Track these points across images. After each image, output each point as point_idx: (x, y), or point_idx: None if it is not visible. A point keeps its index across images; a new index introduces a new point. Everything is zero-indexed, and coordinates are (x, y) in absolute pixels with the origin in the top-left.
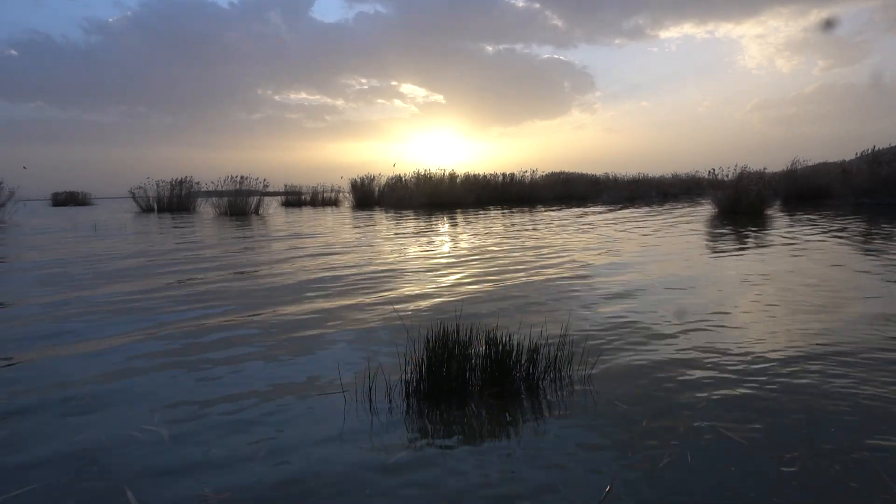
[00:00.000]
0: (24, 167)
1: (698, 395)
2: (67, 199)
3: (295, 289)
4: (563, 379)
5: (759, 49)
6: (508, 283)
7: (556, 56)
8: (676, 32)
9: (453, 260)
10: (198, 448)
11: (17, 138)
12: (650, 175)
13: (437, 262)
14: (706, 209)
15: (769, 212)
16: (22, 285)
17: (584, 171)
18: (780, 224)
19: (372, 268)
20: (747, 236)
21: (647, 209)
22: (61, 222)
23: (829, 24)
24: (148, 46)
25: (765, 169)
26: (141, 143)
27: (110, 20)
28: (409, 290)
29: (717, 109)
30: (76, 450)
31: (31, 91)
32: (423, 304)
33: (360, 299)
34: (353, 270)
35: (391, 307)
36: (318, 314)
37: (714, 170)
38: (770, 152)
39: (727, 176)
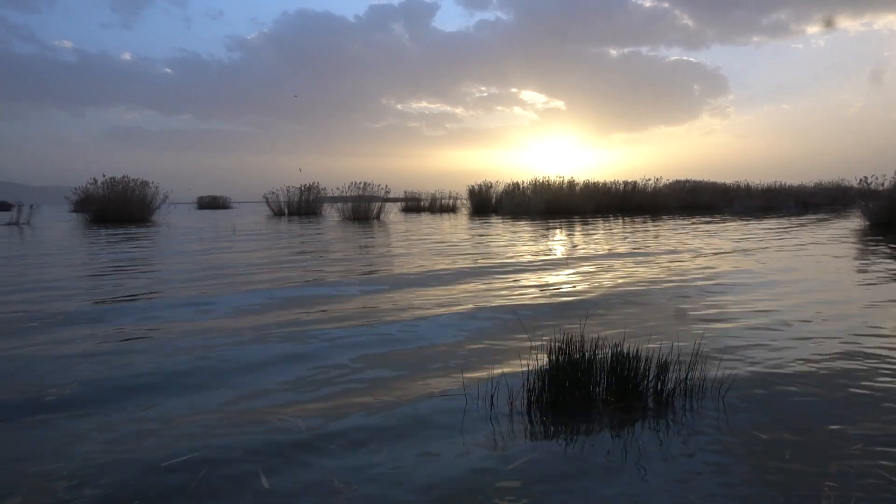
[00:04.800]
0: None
1: (851, 432)
2: (210, 203)
3: (416, 289)
4: (696, 398)
5: None
6: (635, 292)
7: (685, 58)
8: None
9: (575, 265)
10: (328, 441)
11: (168, 147)
12: (787, 184)
13: (558, 266)
14: (853, 222)
15: None
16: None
17: (713, 179)
18: None
19: (493, 272)
20: None
21: (783, 220)
22: (206, 224)
23: None
24: (281, 60)
25: None
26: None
27: (249, 37)
28: (531, 294)
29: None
30: (214, 433)
31: (180, 104)
32: (546, 309)
33: (484, 302)
34: (475, 272)
35: (513, 310)
36: (440, 315)
37: (866, 177)
38: None
39: (882, 184)
